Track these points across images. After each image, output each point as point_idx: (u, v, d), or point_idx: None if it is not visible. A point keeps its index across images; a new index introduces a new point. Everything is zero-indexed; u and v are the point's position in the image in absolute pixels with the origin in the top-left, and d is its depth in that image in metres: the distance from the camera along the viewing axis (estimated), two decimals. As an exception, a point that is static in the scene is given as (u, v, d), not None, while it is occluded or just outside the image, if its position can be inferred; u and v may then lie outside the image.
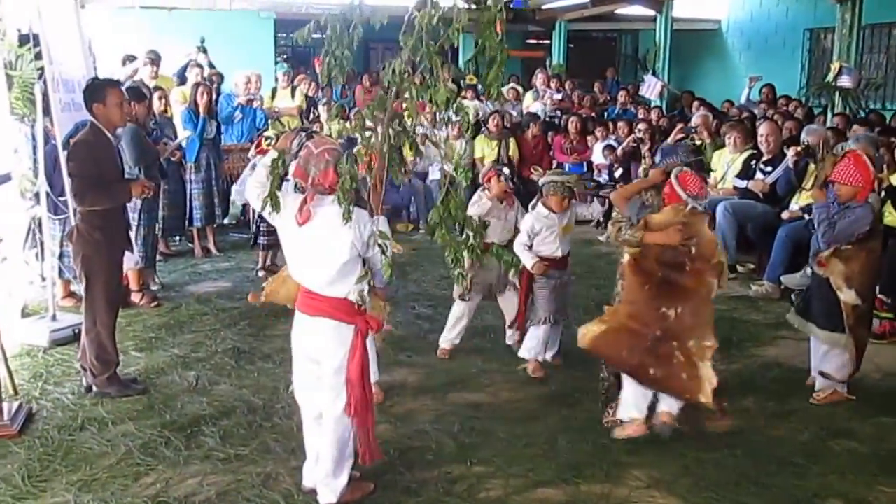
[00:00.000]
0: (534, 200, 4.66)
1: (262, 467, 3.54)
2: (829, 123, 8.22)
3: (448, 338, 5.00)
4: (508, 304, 4.94)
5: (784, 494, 3.36)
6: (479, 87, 12.05)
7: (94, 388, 4.30)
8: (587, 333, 3.74)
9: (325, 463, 3.22)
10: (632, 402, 3.76)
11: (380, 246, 3.04)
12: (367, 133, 2.78)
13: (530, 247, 4.54)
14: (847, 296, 4.05)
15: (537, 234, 4.52)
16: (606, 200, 4.92)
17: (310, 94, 9.75)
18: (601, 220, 7.48)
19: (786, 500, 3.31)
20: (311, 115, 9.39)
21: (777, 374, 4.63)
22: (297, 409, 3.39)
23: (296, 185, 3.14)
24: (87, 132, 4.28)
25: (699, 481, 3.45)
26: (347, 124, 2.92)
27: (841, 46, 8.66)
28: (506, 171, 5.04)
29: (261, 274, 6.62)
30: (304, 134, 3.17)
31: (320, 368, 3.16)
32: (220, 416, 4.06)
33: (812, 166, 6.32)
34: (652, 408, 3.78)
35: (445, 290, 6.16)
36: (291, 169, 3.09)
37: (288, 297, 3.87)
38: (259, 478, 3.46)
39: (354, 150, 3.00)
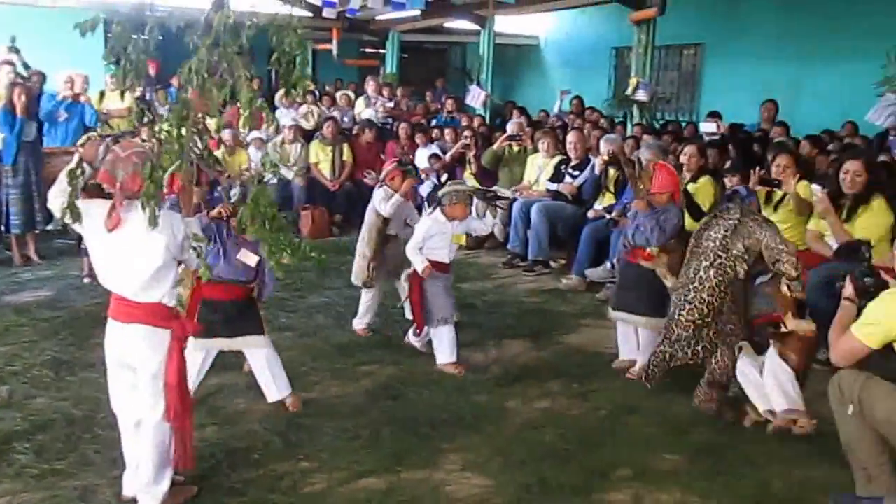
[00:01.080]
0: (431, 209, 4.77)
1: (81, 480, 3.31)
2: (629, 133, 8.78)
3: (362, 322, 5.18)
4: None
5: (582, 467, 3.52)
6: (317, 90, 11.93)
7: None
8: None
9: (145, 470, 3.06)
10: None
11: (194, 249, 2.94)
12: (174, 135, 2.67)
13: (420, 249, 4.60)
14: (671, 282, 4.44)
15: (431, 238, 4.59)
16: (499, 210, 5.06)
17: (144, 96, 9.21)
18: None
19: (583, 472, 3.47)
20: (146, 118, 8.86)
21: (580, 359, 4.88)
22: (119, 418, 3.20)
23: (88, 186, 2.95)
24: None
25: (508, 460, 3.57)
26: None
27: (638, 64, 9.22)
28: (410, 167, 5.08)
29: (86, 280, 6.19)
30: (109, 139, 3.00)
31: (136, 376, 3.01)
32: (35, 430, 3.74)
33: (612, 171, 6.77)
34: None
35: (277, 291, 6.02)
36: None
37: None
38: (76, 491, 3.23)
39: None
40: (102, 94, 8.99)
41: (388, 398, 4.26)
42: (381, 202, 4.95)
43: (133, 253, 2.88)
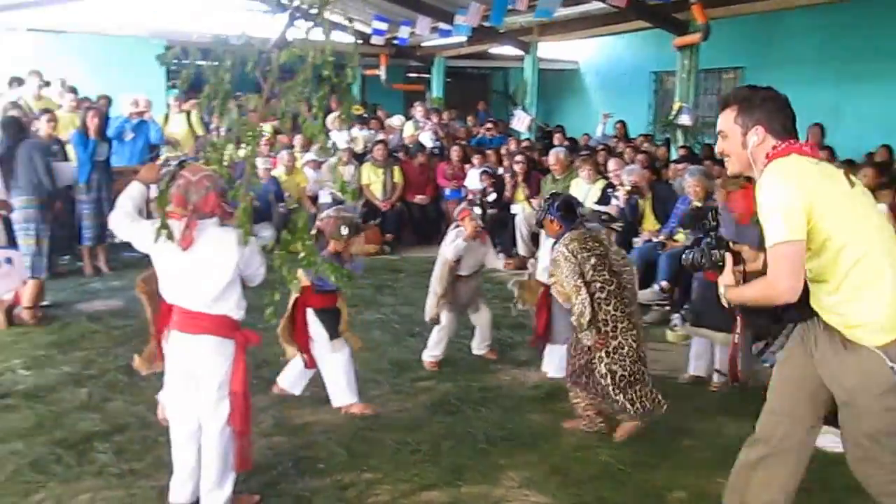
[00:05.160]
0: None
1: (157, 481, 3.38)
2: (673, 156, 8.72)
3: (431, 353, 5.02)
4: (481, 320, 5.13)
5: (638, 489, 3.48)
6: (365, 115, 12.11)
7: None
8: None
9: (209, 474, 3.12)
10: None
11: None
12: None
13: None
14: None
15: None
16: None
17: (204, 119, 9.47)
18: None
19: (639, 494, 3.44)
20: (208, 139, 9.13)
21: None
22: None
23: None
24: None
25: (566, 479, 3.55)
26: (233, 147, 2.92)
27: (681, 89, 9.13)
28: (476, 210, 4.94)
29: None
30: (173, 164, 3.14)
31: (201, 383, 3.09)
32: (113, 431, 3.86)
33: (641, 201, 6.75)
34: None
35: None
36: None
37: None
38: (154, 491, 3.31)
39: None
40: (167, 117, 9.25)
41: (445, 413, 4.28)
42: (448, 244, 4.82)
43: (206, 269, 3.01)
